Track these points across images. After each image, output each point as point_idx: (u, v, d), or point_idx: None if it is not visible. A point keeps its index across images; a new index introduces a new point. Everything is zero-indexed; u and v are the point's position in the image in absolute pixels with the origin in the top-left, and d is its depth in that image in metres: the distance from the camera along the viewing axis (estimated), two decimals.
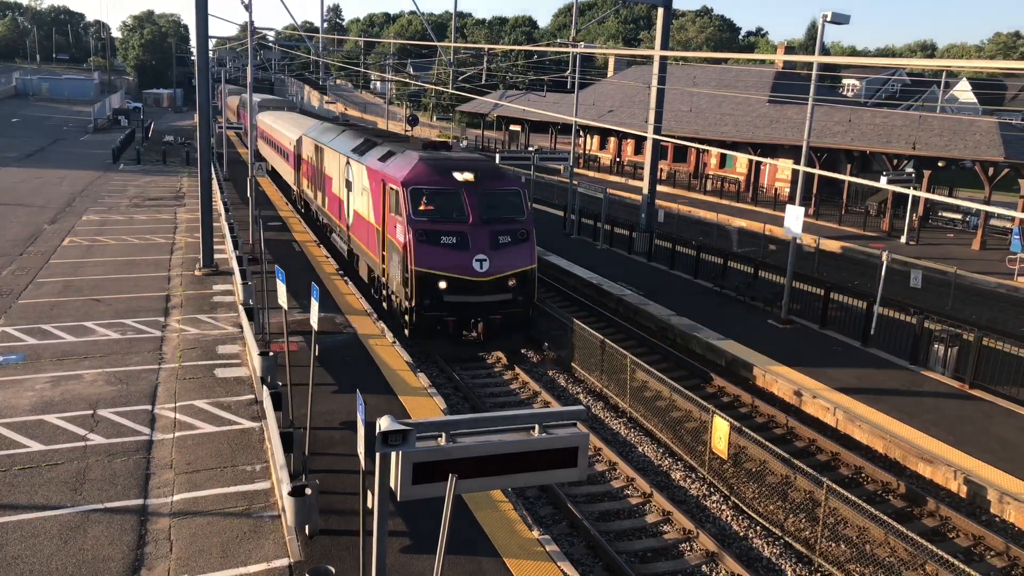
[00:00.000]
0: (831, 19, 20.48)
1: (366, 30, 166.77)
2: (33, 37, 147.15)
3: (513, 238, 19.09)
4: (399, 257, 19.03)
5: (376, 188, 21.18)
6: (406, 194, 18.72)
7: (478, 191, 19.17)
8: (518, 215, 19.55)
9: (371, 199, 21.79)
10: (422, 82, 72.06)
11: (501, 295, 18.83)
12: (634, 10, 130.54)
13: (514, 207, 19.62)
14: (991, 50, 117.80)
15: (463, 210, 18.91)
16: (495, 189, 19.53)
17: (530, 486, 12.00)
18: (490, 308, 18.77)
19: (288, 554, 10.43)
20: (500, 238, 18.85)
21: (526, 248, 19.30)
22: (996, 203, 43.63)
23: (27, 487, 11.90)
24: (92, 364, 17.00)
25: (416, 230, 18.42)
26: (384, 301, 21.43)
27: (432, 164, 19.56)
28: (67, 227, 32.12)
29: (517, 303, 19.16)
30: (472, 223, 18.74)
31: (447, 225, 18.65)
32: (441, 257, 18.39)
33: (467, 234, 18.59)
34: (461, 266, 18.39)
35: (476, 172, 19.41)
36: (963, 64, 7.92)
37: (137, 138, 68.51)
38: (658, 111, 29.08)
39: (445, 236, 18.49)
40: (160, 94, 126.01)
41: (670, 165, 59.99)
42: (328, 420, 14.36)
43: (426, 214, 18.70)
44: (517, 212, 19.59)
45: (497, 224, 19.03)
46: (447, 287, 18.40)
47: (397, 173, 19.52)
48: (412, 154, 20.41)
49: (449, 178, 19.23)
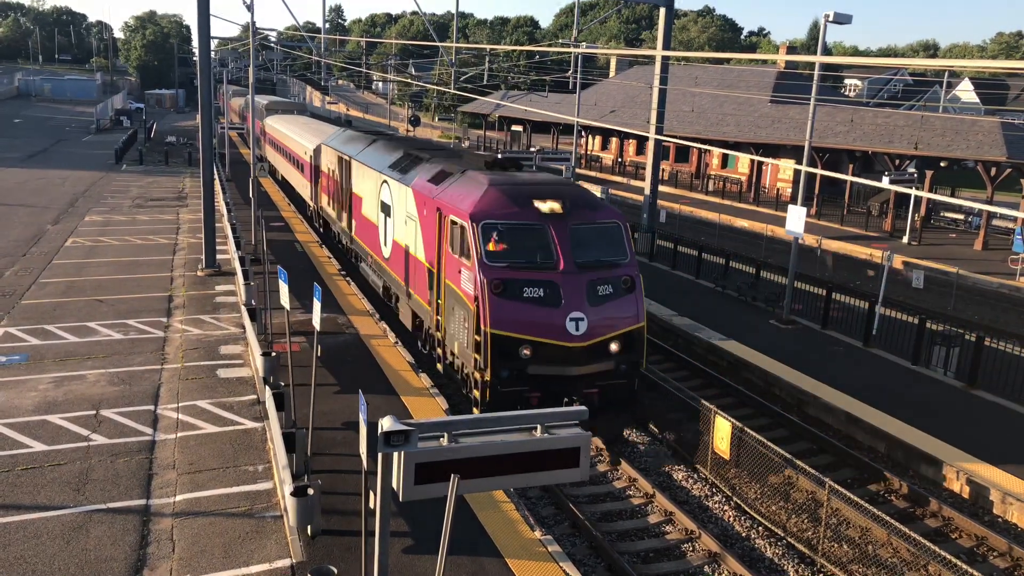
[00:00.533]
0: (833, 19, 20.49)
1: (368, 30, 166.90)
2: (35, 38, 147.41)
3: (615, 288, 14.84)
4: (465, 312, 14.89)
5: (428, 218, 17.08)
6: (476, 231, 14.56)
7: (569, 226, 14.90)
8: (620, 257, 15.23)
9: (420, 231, 17.76)
10: (424, 82, 72.07)
11: (601, 364, 14.55)
12: (636, 10, 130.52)
13: (614, 246, 15.31)
14: (993, 50, 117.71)
15: (551, 252, 14.59)
16: (590, 223, 15.24)
17: (532, 486, 11.99)
18: (586, 381, 14.53)
19: (290, 554, 10.44)
20: (599, 288, 14.64)
21: (631, 301, 14.99)
22: (998, 203, 43.60)
23: (30, 487, 11.92)
24: (95, 364, 17.02)
25: (491, 280, 14.16)
26: (440, 362, 16.92)
27: (506, 190, 15.37)
28: (70, 228, 32.16)
29: (620, 373, 14.84)
30: (563, 269, 14.43)
31: (531, 272, 14.43)
32: (524, 315, 14.19)
33: (558, 284, 14.31)
34: (551, 327, 14.16)
35: (564, 200, 15.20)
36: (965, 64, 7.93)
37: (139, 139, 68.60)
38: (660, 111, 29.10)
39: (529, 287, 14.29)
40: (162, 95, 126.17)
41: (672, 165, 60.01)
42: (330, 420, 14.37)
43: (502, 257, 14.48)
44: (618, 253, 15.27)
45: (595, 270, 14.74)
46: (532, 354, 14.14)
47: (461, 202, 15.48)
48: (477, 176, 16.30)
49: (530, 209, 14.98)
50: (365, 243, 23.78)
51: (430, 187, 17.40)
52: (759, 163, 50.63)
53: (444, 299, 16.18)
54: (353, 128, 35.88)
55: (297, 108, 60.06)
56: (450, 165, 17.96)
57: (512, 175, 16.69)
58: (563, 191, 15.71)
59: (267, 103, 56.91)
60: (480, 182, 15.85)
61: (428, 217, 17.10)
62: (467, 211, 14.91)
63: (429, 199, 17.06)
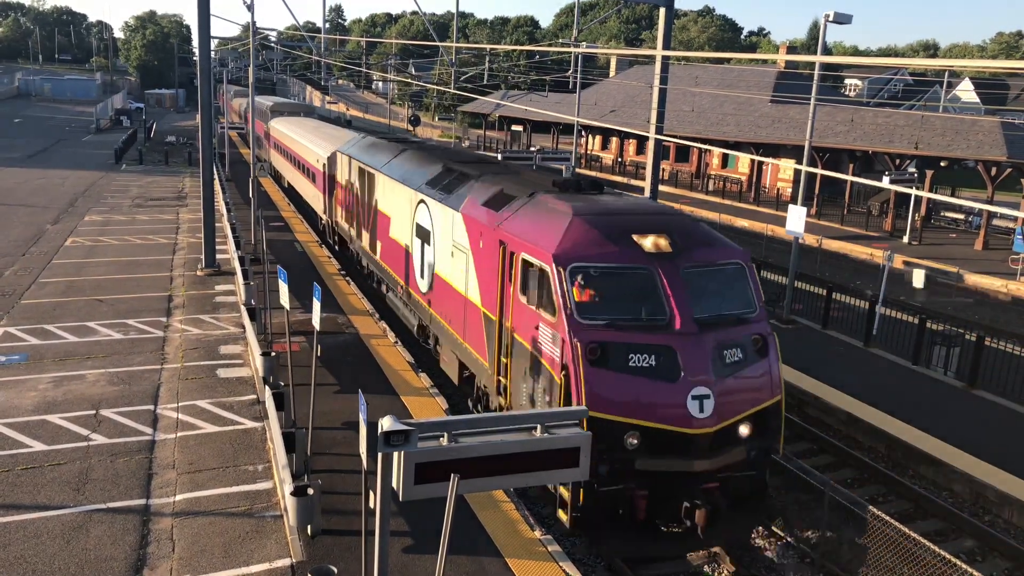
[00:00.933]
0: (833, 19, 20.50)
1: (368, 30, 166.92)
2: (35, 38, 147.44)
3: (744, 351, 11.31)
4: (546, 383, 11.42)
5: (487, 253, 13.81)
6: (563, 276, 11.12)
7: (681, 268, 11.35)
8: (747, 308, 11.79)
9: (473, 267, 14.47)
10: (424, 82, 72.08)
11: (729, 454, 11.03)
12: (636, 10, 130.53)
13: (739, 294, 11.89)
14: (993, 50, 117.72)
15: (661, 304, 11.06)
16: (707, 264, 11.77)
17: (532, 486, 11.95)
18: (708, 475, 10.94)
19: (290, 554, 10.44)
20: (727, 354, 11.11)
21: (765, 368, 11.46)
22: (999, 203, 43.59)
23: (30, 487, 11.91)
24: (94, 364, 17.02)
25: (586, 343, 10.63)
26: None
27: (597, 222, 11.95)
28: (69, 227, 32.15)
29: (749, 462, 11.29)
30: (681, 328, 10.87)
31: (638, 333, 10.87)
32: (631, 392, 10.67)
33: (675, 350, 10.75)
34: (667, 408, 10.62)
35: (671, 234, 11.79)
36: (965, 64, 7.91)
37: (139, 138, 68.59)
38: (660, 111, 29.09)
39: (637, 354, 10.72)
40: (162, 94, 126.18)
41: (672, 165, 60.03)
42: (330, 420, 14.37)
43: (599, 311, 11.05)
44: (745, 303, 11.84)
45: (719, 329, 11.19)
46: (640, 444, 10.67)
47: (537, 236, 12.11)
48: (554, 203, 12.88)
49: (631, 247, 11.48)
50: (394, 270, 20.32)
51: (487, 213, 14.06)
52: (759, 163, 50.64)
53: (512, 359, 12.65)
54: (359, 130, 34.13)
55: (304, 110, 56.18)
56: (510, 185, 14.69)
57: (596, 200, 13.23)
58: (668, 222, 12.29)
59: (272, 104, 53.89)
60: (560, 211, 12.43)
61: (486, 251, 13.79)
62: (548, 249, 11.51)
63: (488, 229, 13.73)
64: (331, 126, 40.50)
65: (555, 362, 11.10)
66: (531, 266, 11.98)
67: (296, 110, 54.01)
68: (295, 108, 55.29)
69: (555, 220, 12.22)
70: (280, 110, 51.78)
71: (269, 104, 54.02)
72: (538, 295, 11.68)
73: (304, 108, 57.89)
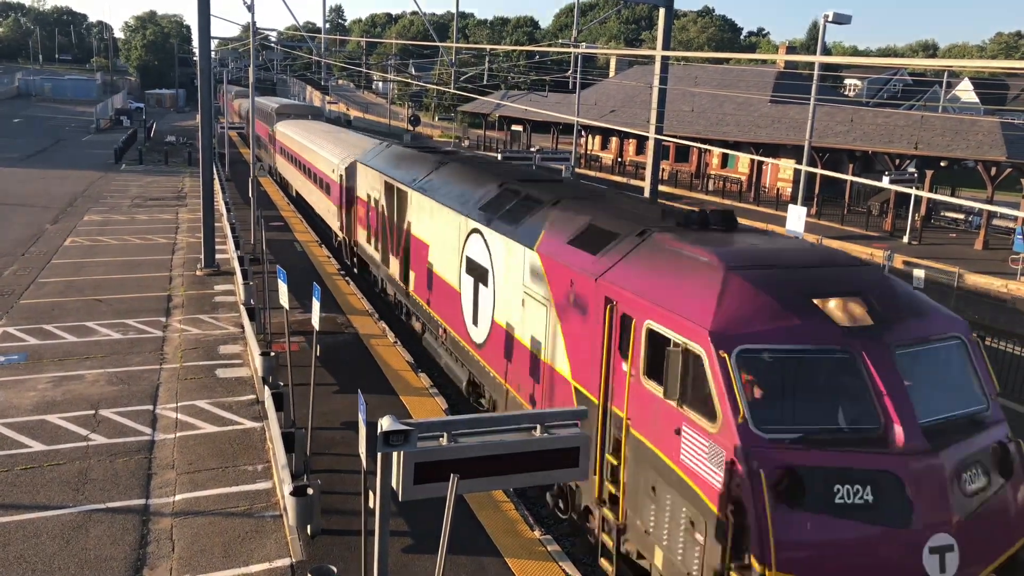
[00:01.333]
0: (833, 19, 20.51)
1: (368, 30, 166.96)
2: (36, 38, 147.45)
3: (986, 472, 7.99)
4: (695, 515, 8.06)
5: (580, 309, 10.49)
6: (727, 365, 7.78)
7: (891, 350, 8.00)
8: (976, 404, 8.49)
9: (558, 325, 11.17)
10: (424, 82, 72.09)
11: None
12: (635, 10, 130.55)
13: (964, 383, 8.59)
14: (993, 50, 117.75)
15: (870, 405, 7.75)
16: (921, 341, 8.40)
17: (532, 486, 11.94)
18: None
19: (290, 554, 10.43)
20: (967, 480, 7.77)
21: (1012, 492, 8.17)
22: (999, 203, 43.60)
23: (29, 487, 11.90)
24: (94, 364, 17.01)
25: (772, 470, 7.32)
26: (610, 562, 10.04)
27: (764, 280, 8.53)
28: (69, 227, 32.14)
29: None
30: (905, 444, 7.54)
31: (843, 452, 7.50)
32: (838, 544, 7.29)
33: (899, 478, 7.41)
34: (894, 569, 7.33)
35: (864, 297, 8.44)
36: (965, 64, 7.91)
37: (139, 138, 68.61)
38: (660, 111, 29.12)
39: (845, 485, 7.34)
40: (162, 94, 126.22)
41: (672, 165, 60.03)
42: (330, 420, 14.36)
43: (782, 418, 7.77)
44: (971, 396, 8.53)
45: (952, 439, 7.83)
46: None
47: (674, 299, 8.75)
48: (688, 248, 9.45)
49: (817, 318, 8.10)
50: (435, 310, 17.30)
51: (579, 256, 10.75)
52: (759, 163, 50.64)
53: (628, 463, 9.29)
54: (380, 135, 31.19)
55: (312, 112, 53.29)
56: (602, 216, 11.41)
57: (743, 244, 9.74)
58: (857, 279, 8.78)
59: (278, 106, 50.29)
60: (703, 261, 8.93)
61: (580, 307, 10.42)
62: (700, 321, 8.11)
63: (582, 278, 10.35)
64: (346, 131, 38.35)
65: (715, 490, 7.66)
66: (667, 343, 8.41)
67: (303, 112, 51.27)
68: (302, 110, 52.31)
69: (698, 275, 8.73)
70: (286, 112, 49.06)
71: (274, 106, 50.56)
72: (681, 386, 8.12)
73: (312, 110, 54.90)
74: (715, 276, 8.58)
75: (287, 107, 51.46)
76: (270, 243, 26.72)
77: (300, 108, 53.82)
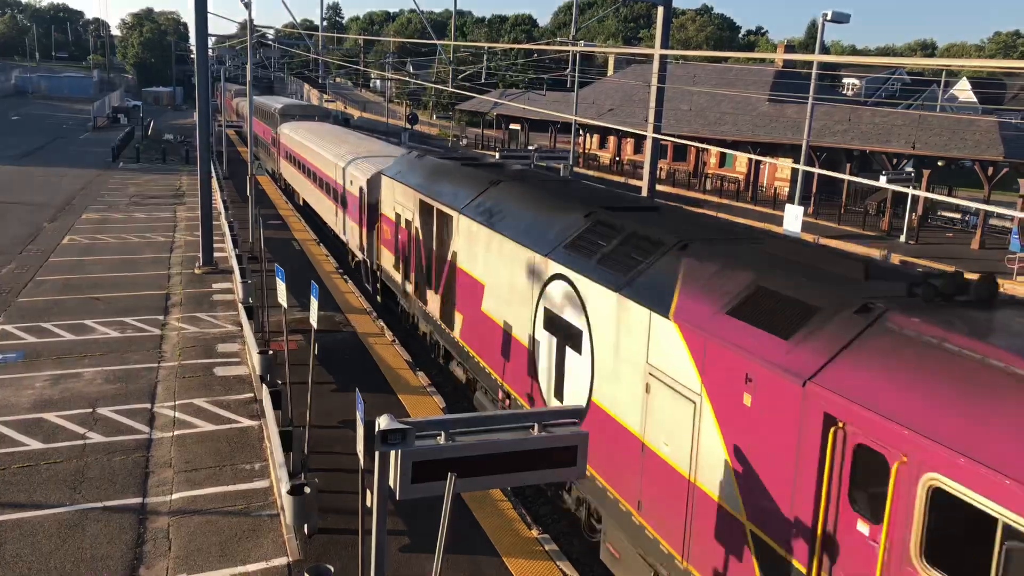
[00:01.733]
0: (831, 18, 20.53)
1: (366, 28, 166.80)
2: (32, 35, 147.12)
3: None
4: None
5: (764, 416, 7.36)
6: None
7: None
8: None
9: (720, 438, 7.96)
10: (422, 80, 72.03)
11: None
12: (634, 9, 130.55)
13: None
14: (991, 49, 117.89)
15: None
16: None
17: (529, 485, 11.91)
18: None
19: (287, 553, 10.43)
20: None
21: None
22: (995, 202, 43.66)
23: (26, 485, 11.89)
24: (91, 362, 16.99)
25: None
26: None
27: None
28: (67, 225, 32.09)
29: None
30: None
31: None
32: None
33: None
34: None
35: None
36: (963, 63, 7.93)
37: (136, 136, 68.51)
38: (658, 110, 29.16)
39: None
40: (160, 92, 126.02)
41: (670, 164, 60.03)
42: (327, 419, 14.35)
43: None
44: None
45: None
46: None
47: (1003, 453, 5.27)
48: (968, 343, 6.21)
49: None
50: (491, 365, 14.02)
51: (756, 337, 7.60)
52: (757, 162, 50.67)
53: None
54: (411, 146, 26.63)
55: (319, 114, 49.06)
56: (775, 275, 8.16)
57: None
58: None
59: (281, 107, 46.67)
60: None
61: (768, 418, 7.29)
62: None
63: (772, 376, 7.21)
64: (366, 136, 35.60)
65: None
66: (985, 521, 5.34)
67: (310, 113, 47.44)
68: (308, 111, 48.36)
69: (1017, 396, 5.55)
70: (291, 113, 45.43)
71: (278, 106, 46.86)
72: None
73: (319, 112, 50.75)
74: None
75: (292, 108, 48.06)
76: (268, 241, 26.70)
77: (306, 109, 49.98)
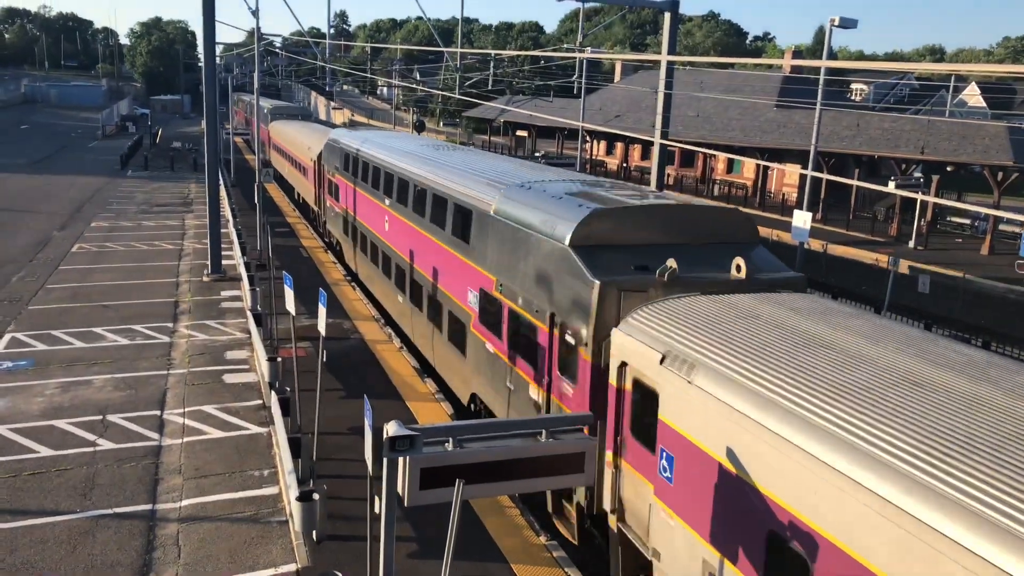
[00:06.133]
0: (839, 23, 20.50)
1: (373, 36, 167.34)
2: (42, 44, 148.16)
3: None
4: None
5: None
6: None
7: None
8: None
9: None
10: (428, 88, 72.20)
11: None
12: (641, 15, 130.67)
13: None
14: (1000, 54, 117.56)
15: None
16: None
17: (537, 491, 11.89)
18: None
19: (296, 559, 10.43)
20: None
21: None
22: (1005, 207, 43.45)
23: (36, 492, 11.93)
24: (101, 370, 17.05)
25: None
26: None
27: None
28: (76, 233, 32.25)
29: None
30: None
31: None
32: None
33: None
34: None
35: None
36: (972, 68, 7.91)
37: (145, 144, 68.82)
38: (665, 116, 29.15)
39: None
40: (168, 100, 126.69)
41: (677, 170, 59.99)
42: (336, 425, 14.37)
43: None
44: None
45: None
46: None
47: None
48: None
49: None
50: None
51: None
52: (764, 168, 50.59)
53: None
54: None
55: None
56: None
57: None
58: None
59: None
60: None
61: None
62: None
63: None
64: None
65: None
66: None
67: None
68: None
69: None
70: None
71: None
72: None
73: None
74: None
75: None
76: (276, 249, 26.77)
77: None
